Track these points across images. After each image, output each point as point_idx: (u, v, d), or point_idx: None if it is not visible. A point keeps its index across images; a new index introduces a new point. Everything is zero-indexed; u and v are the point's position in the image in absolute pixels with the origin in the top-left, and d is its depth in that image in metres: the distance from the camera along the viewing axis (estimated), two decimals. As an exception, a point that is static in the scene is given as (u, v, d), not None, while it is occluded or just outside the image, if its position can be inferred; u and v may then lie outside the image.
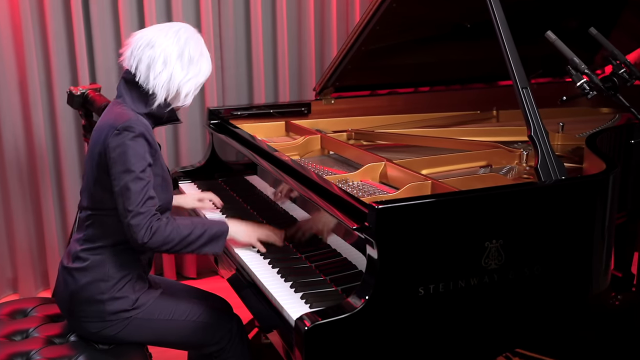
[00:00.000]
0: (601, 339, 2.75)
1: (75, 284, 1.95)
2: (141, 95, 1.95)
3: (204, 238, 1.94)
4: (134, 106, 1.94)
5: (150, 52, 1.91)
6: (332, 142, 2.56)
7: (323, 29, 3.82)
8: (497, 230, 1.70)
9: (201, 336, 2.05)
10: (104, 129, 1.90)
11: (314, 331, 1.54)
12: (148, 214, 1.84)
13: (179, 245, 1.90)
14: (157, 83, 1.91)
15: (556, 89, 3.06)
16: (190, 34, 1.97)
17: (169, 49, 1.91)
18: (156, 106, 1.94)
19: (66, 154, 3.41)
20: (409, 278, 1.62)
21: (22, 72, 3.29)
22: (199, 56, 1.96)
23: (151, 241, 1.84)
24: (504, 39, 1.95)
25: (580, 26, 2.43)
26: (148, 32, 1.95)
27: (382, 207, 1.58)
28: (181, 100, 1.98)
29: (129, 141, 1.84)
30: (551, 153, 1.88)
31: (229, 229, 2.00)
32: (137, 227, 1.83)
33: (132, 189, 1.83)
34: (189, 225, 1.92)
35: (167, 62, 1.91)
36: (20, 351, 1.95)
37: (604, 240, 1.89)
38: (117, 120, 1.88)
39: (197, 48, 1.96)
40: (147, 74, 1.91)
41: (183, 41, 1.93)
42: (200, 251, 1.95)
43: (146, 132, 1.88)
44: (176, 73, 1.92)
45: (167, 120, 2.04)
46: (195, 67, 1.95)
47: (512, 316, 1.79)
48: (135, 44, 1.94)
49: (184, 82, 1.94)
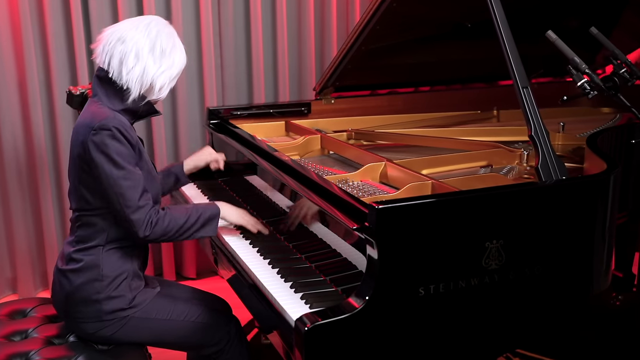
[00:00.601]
0: (602, 339, 2.75)
1: (70, 286, 1.95)
2: (116, 91, 1.94)
3: (199, 223, 2.00)
4: (110, 103, 1.93)
5: (121, 47, 1.90)
6: (332, 142, 2.55)
7: (323, 28, 3.81)
8: (498, 230, 1.70)
9: (200, 337, 2.05)
10: (80, 130, 1.90)
11: (314, 332, 1.53)
12: (147, 207, 1.89)
13: (177, 233, 1.95)
14: (130, 78, 1.91)
15: (557, 89, 3.06)
16: (162, 27, 1.96)
17: (140, 43, 1.91)
18: (131, 101, 1.93)
19: (65, 154, 3.39)
20: (409, 278, 1.62)
21: (21, 71, 3.29)
22: (172, 48, 1.96)
23: (152, 233, 1.90)
24: (504, 38, 1.94)
25: (581, 26, 2.43)
26: (119, 27, 1.95)
27: (383, 207, 1.58)
28: (156, 94, 1.97)
29: (108, 140, 1.84)
30: (552, 153, 1.87)
31: (220, 211, 2.05)
32: (139, 222, 1.87)
33: (125, 185, 1.85)
34: (184, 213, 1.97)
35: (139, 56, 1.90)
36: (20, 352, 1.95)
37: (605, 241, 1.88)
38: (93, 119, 1.87)
39: (169, 40, 1.96)
40: (119, 69, 1.91)
41: (154, 34, 1.93)
42: (196, 235, 2.00)
43: (123, 129, 1.87)
44: (149, 66, 1.91)
45: (146, 114, 2.03)
46: (168, 59, 1.95)
47: (513, 316, 1.79)
48: (106, 40, 1.93)
49: (157, 75, 1.93)
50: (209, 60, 3.53)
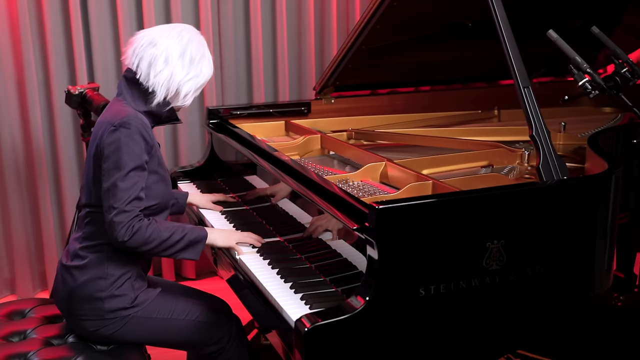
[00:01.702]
0: (603, 340, 2.75)
1: (74, 282, 1.95)
2: (141, 93, 1.96)
3: (183, 243, 1.94)
4: (134, 104, 1.95)
5: (152, 51, 1.93)
6: (332, 141, 2.55)
7: (323, 27, 3.81)
8: (499, 230, 1.69)
9: (200, 336, 2.05)
10: (102, 125, 1.92)
11: (314, 332, 1.53)
12: (132, 213, 1.85)
13: (159, 248, 1.90)
14: (157, 81, 1.93)
15: (558, 88, 3.04)
16: (193, 35, 1.99)
17: (171, 48, 1.93)
18: (155, 104, 1.96)
19: (64, 154, 3.40)
20: (409, 279, 1.61)
21: (19, 71, 3.28)
22: (201, 57, 1.98)
23: (131, 240, 1.85)
24: (505, 37, 1.94)
25: (583, 25, 2.42)
26: (151, 32, 1.98)
27: (383, 207, 1.58)
28: (180, 100, 1.99)
29: (124, 138, 1.85)
30: (553, 153, 1.87)
31: (207, 235, 2.00)
32: (119, 225, 1.83)
33: (119, 186, 1.84)
34: (169, 229, 1.92)
35: (169, 60, 1.93)
36: (18, 352, 1.94)
37: (607, 241, 1.88)
38: (115, 116, 1.89)
39: (199, 49, 1.99)
40: (147, 72, 1.93)
41: (185, 41, 1.96)
42: (178, 256, 1.96)
43: (143, 129, 1.89)
44: (177, 72, 1.94)
45: (167, 120, 2.05)
46: (196, 67, 1.97)
47: (514, 317, 1.78)
48: (138, 43, 1.96)
49: (184, 82, 1.95)
50: (208, 59, 3.52)
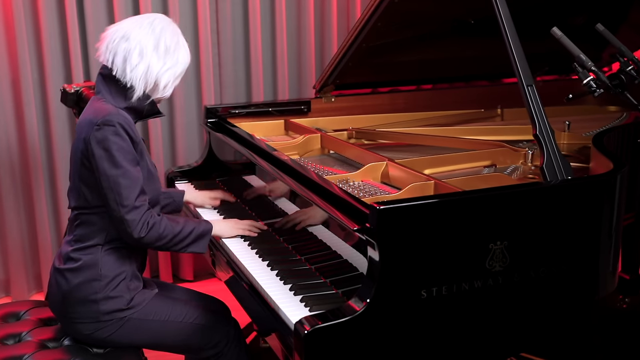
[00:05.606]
0: (608, 343, 2.76)
1: (68, 285, 1.94)
2: (119, 89, 1.94)
3: (192, 236, 1.98)
4: (114, 101, 1.94)
5: (125, 45, 1.91)
6: (332, 141, 2.55)
7: (323, 25, 3.80)
8: (502, 231, 1.69)
9: (198, 339, 2.04)
10: (83, 126, 1.90)
11: (314, 335, 1.53)
12: (143, 208, 1.87)
13: (170, 243, 1.94)
14: (135, 76, 1.91)
15: (562, 87, 3.04)
16: (166, 24, 1.97)
17: (144, 41, 1.91)
18: (135, 99, 1.94)
19: (59, 154, 3.38)
20: (411, 280, 1.60)
21: (15, 69, 3.27)
22: (176, 46, 1.97)
23: (147, 236, 1.88)
24: (508, 35, 1.94)
25: (587, 22, 2.42)
26: (122, 25, 1.96)
27: (384, 207, 1.57)
28: (160, 92, 1.98)
29: (111, 136, 1.84)
30: (557, 152, 1.87)
31: (212, 228, 2.05)
32: (134, 222, 1.85)
33: (122, 183, 1.84)
34: (180, 223, 1.97)
35: (143, 53, 1.91)
36: (13, 355, 1.93)
37: (611, 242, 1.88)
38: (96, 115, 1.88)
39: (173, 38, 1.97)
40: (123, 67, 1.91)
41: (158, 31, 1.94)
42: (186, 250, 2.00)
43: (127, 126, 1.88)
44: (153, 64, 1.92)
45: (149, 114, 2.04)
46: (173, 57, 1.96)
47: (517, 319, 1.78)
48: (110, 38, 1.94)
49: (161, 73, 1.94)
50: (206, 57, 3.51)
